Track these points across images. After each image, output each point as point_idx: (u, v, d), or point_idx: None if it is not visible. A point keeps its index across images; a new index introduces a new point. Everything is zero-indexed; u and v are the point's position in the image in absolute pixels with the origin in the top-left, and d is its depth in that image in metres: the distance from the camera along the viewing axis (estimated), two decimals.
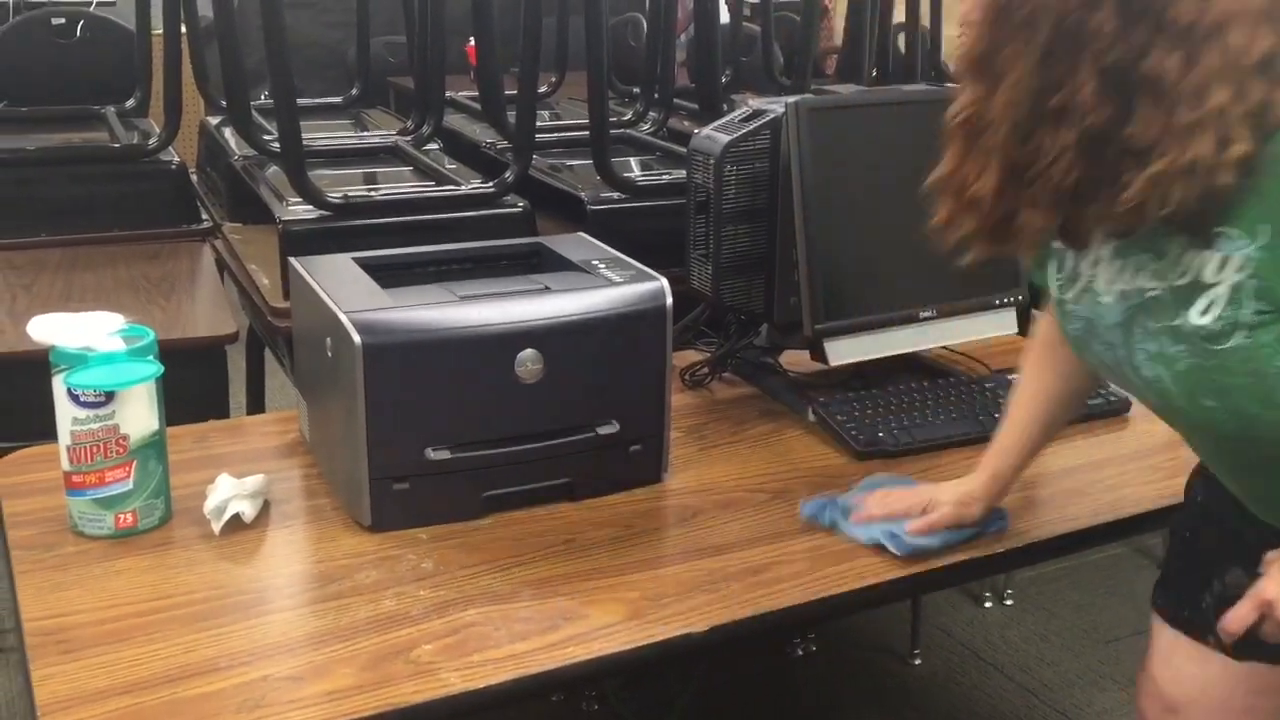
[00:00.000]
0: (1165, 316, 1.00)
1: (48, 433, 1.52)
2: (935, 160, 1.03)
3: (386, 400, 1.28)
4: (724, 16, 2.72)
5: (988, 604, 2.50)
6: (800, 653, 2.25)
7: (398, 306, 1.31)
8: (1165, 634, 1.27)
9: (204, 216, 2.33)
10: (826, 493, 1.38)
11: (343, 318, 1.27)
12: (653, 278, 1.43)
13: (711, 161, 1.61)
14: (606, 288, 1.40)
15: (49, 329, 1.27)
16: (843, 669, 2.27)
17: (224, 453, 1.50)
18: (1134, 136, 0.90)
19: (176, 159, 2.28)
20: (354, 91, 2.87)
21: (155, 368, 1.26)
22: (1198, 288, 0.96)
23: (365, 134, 2.57)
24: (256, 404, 2.16)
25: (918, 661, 2.29)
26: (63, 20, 3.62)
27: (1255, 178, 0.91)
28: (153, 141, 2.24)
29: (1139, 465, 1.51)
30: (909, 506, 1.30)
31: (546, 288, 1.40)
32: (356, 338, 1.25)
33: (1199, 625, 1.21)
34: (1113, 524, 1.40)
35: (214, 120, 2.73)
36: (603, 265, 1.47)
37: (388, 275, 1.43)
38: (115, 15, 3.81)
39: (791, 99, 1.56)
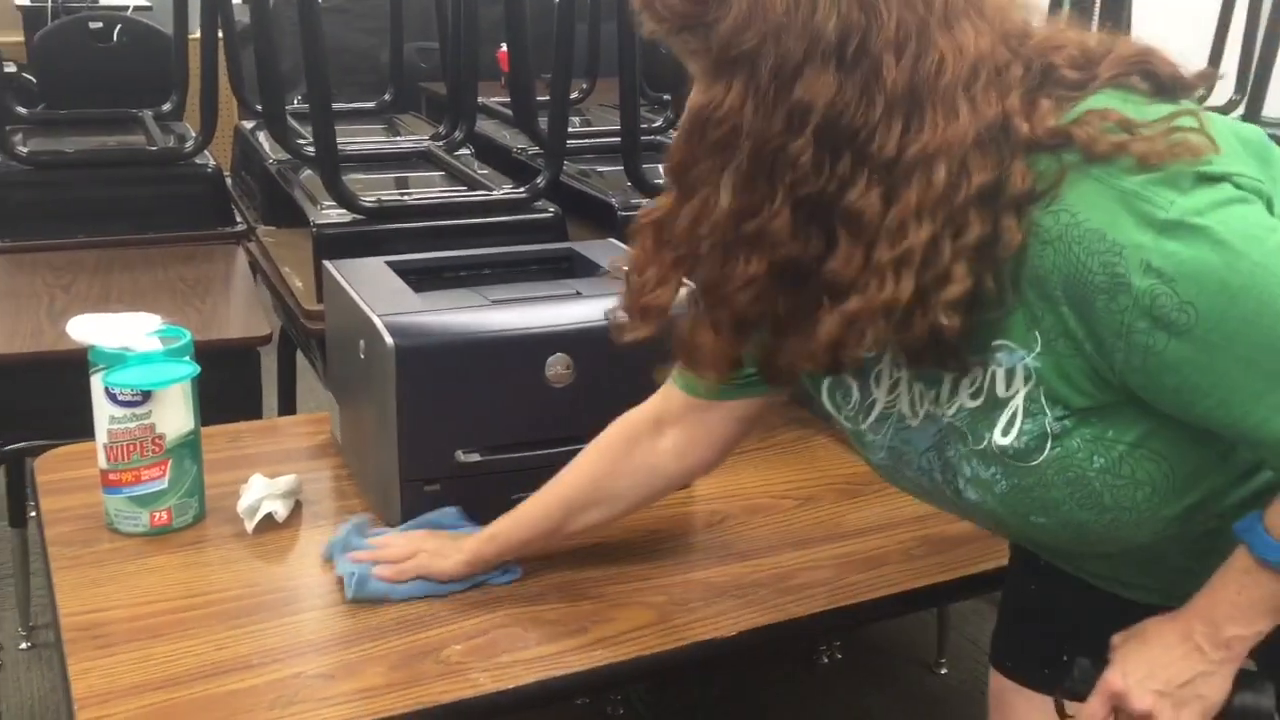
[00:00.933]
0: (972, 440, 0.93)
1: (84, 431, 1.54)
2: None
3: (419, 403, 1.29)
4: None
5: None
6: (826, 660, 2.25)
7: (430, 310, 1.33)
8: (1021, 701, 1.15)
9: (238, 219, 2.36)
10: (355, 522, 1.30)
11: (376, 321, 1.29)
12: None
13: None
14: None
15: (88, 329, 1.29)
16: (869, 677, 2.27)
17: (256, 453, 1.52)
18: (833, 273, 0.85)
19: (212, 162, 2.31)
20: (387, 97, 2.90)
21: (192, 368, 1.28)
22: (995, 404, 0.91)
23: (398, 139, 2.59)
24: (287, 405, 2.18)
25: (944, 671, 2.28)
26: (100, 24, 3.67)
27: (1018, 293, 0.86)
28: (189, 145, 2.27)
29: None
30: (397, 554, 1.22)
31: (577, 293, 1.41)
32: (390, 340, 1.27)
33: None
34: None
35: (249, 124, 2.76)
36: None
37: (420, 279, 1.44)
38: (151, 19, 3.86)
39: None
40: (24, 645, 2.23)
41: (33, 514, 2.49)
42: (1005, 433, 0.90)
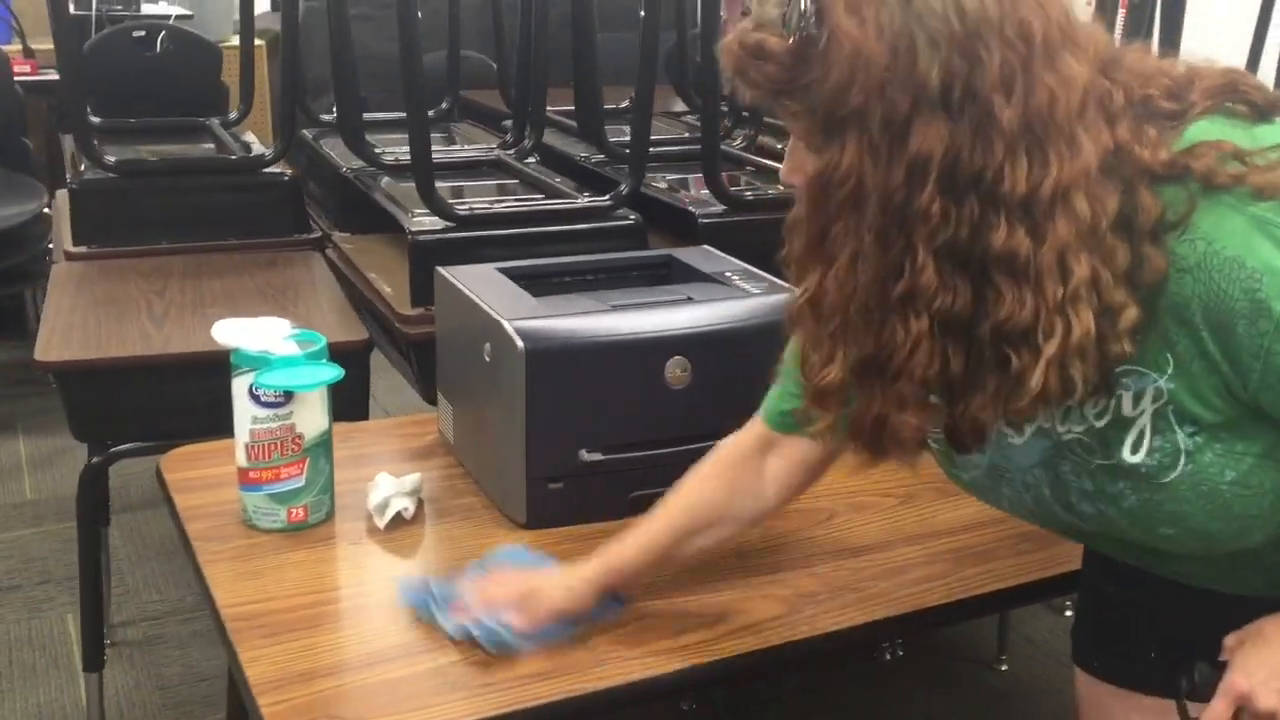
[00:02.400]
0: (1097, 455, 0.95)
1: (189, 432, 1.60)
2: None
3: (545, 403, 1.34)
4: None
5: (1068, 612, 2.54)
6: (888, 657, 2.30)
7: (556, 314, 1.38)
8: (1116, 701, 1.17)
9: (313, 226, 2.41)
10: (426, 578, 1.23)
11: (505, 324, 1.34)
12: (787, 289, 1.49)
13: None
14: (747, 298, 1.46)
15: (232, 332, 1.34)
16: (931, 674, 2.32)
17: (368, 452, 1.57)
18: (1008, 319, 0.85)
19: (289, 171, 2.37)
20: (444, 105, 2.95)
21: (336, 370, 1.33)
22: (1120, 424, 0.93)
23: (464, 148, 2.64)
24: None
25: (1004, 667, 2.33)
26: (143, 33, 3.72)
27: (1153, 319, 0.88)
28: (269, 153, 2.32)
29: None
30: (508, 598, 1.16)
31: (689, 298, 1.46)
32: (520, 343, 1.32)
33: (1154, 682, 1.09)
34: None
35: (310, 133, 2.81)
36: (736, 276, 1.54)
37: (533, 284, 1.50)
38: (194, 27, 3.91)
39: None
40: (106, 643, 2.27)
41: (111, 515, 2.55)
42: (1135, 450, 0.93)
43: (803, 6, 0.84)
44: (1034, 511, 1.05)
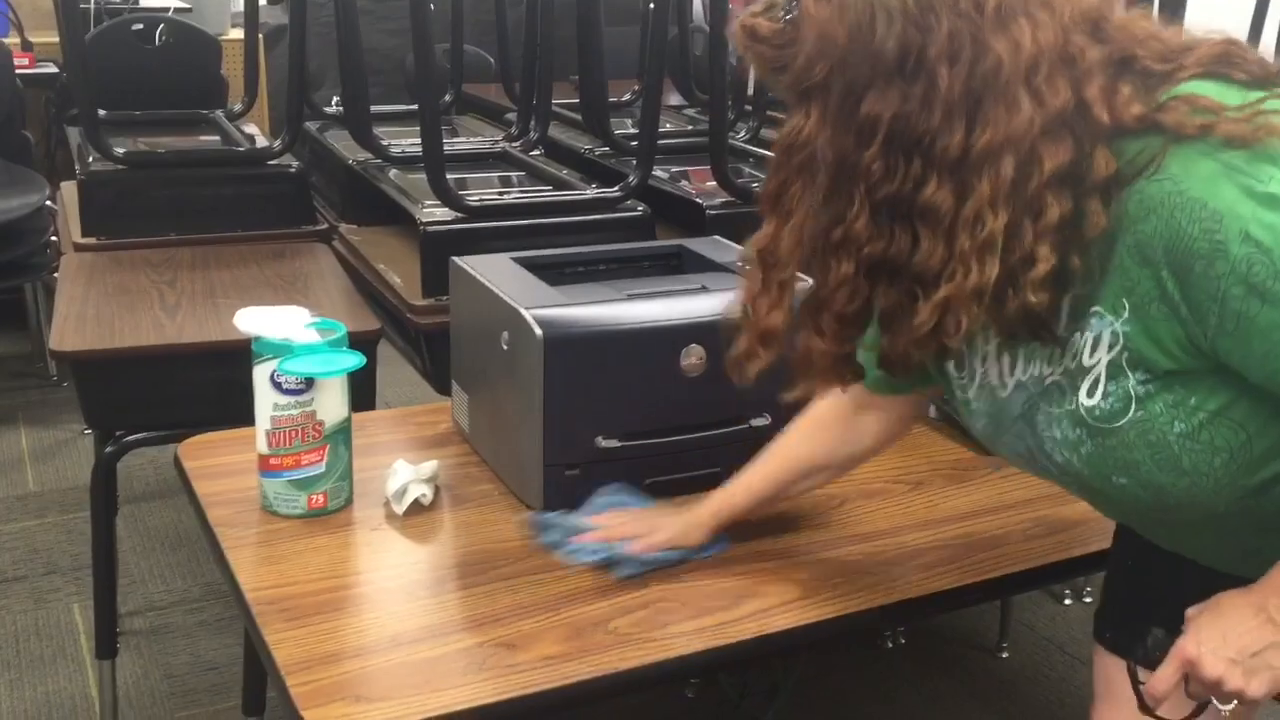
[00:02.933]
0: (1063, 401, 1.00)
1: (201, 422, 1.61)
2: None
3: (564, 390, 1.36)
4: None
5: (1067, 601, 2.57)
6: (890, 644, 2.33)
7: (573, 303, 1.40)
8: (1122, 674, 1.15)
9: (319, 218, 2.42)
10: (559, 512, 1.36)
11: (524, 313, 1.36)
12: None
13: None
14: None
15: (254, 321, 1.35)
16: (933, 660, 2.34)
17: (383, 441, 1.59)
18: (920, 265, 0.93)
19: (296, 163, 2.38)
20: (447, 98, 2.96)
21: (358, 358, 1.35)
22: (1080, 370, 0.98)
23: (469, 140, 2.66)
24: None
25: (1005, 655, 2.36)
26: (142, 26, 3.72)
27: (1111, 260, 0.93)
28: (275, 145, 2.33)
29: None
30: (628, 531, 1.30)
31: (704, 287, 1.48)
32: (538, 331, 1.34)
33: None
34: None
35: (313, 125, 2.82)
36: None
37: (548, 274, 1.51)
38: (192, 20, 3.92)
39: None
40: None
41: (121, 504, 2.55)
42: (1090, 394, 0.97)
43: None
44: (1029, 463, 1.09)
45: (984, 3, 0.90)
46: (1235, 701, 0.94)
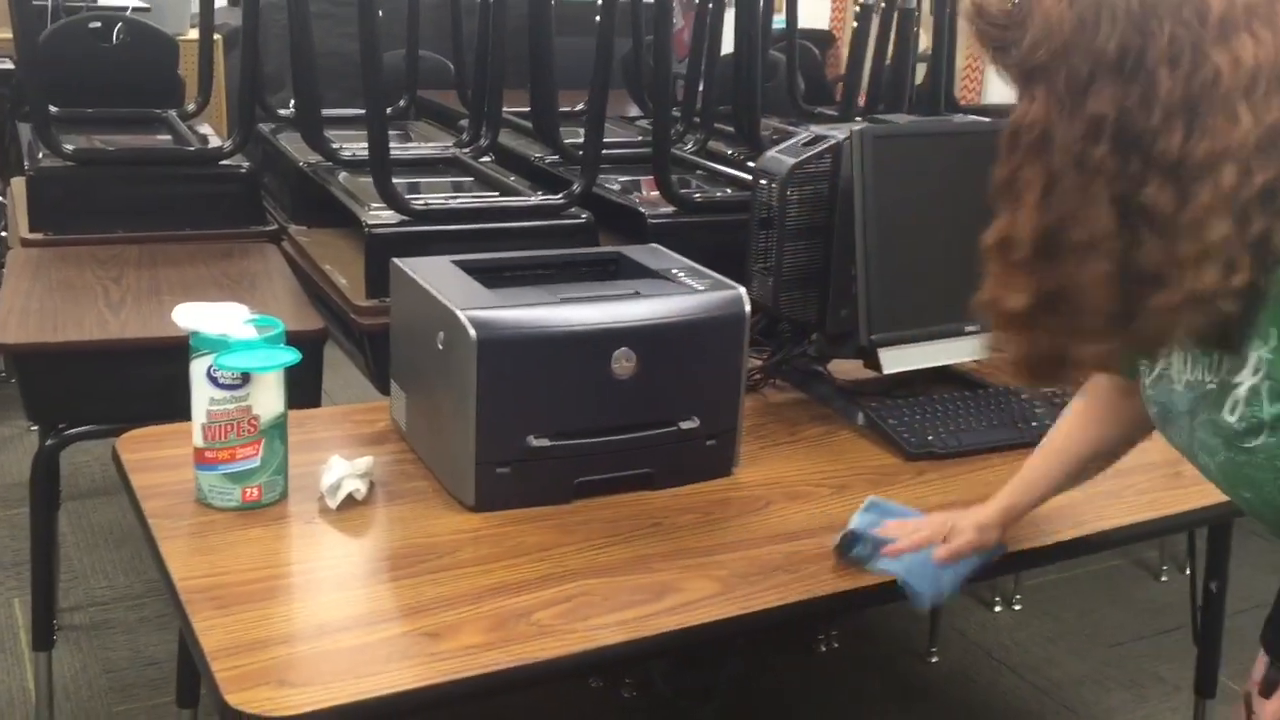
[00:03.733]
0: (1212, 410, 1.05)
1: (143, 417, 1.64)
2: (978, 187, 1.06)
3: (496, 390, 1.40)
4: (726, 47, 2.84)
5: (998, 608, 2.64)
6: (824, 648, 2.38)
7: (507, 305, 1.43)
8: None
9: (269, 218, 2.44)
10: (856, 529, 1.38)
11: (459, 314, 1.39)
12: (731, 286, 1.56)
13: (777, 182, 1.74)
14: (692, 294, 1.53)
15: (192, 316, 1.38)
16: (864, 664, 2.40)
17: (321, 438, 1.61)
18: (1144, 265, 0.95)
19: (247, 164, 2.40)
20: (402, 103, 2.99)
21: (293, 354, 1.38)
22: (1228, 387, 1.02)
23: (421, 145, 2.69)
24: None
25: (934, 660, 2.42)
26: (99, 24, 3.72)
27: (1268, 288, 0.96)
28: (227, 145, 2.36)
29: (1163, 473, 1.64)
30: (932, 535, 1.36)
31: (636, 292, 1.52)
32: (472, 332, 1.38)
33: None
34: (1145, 523, 1.53)
35: (266, 127, 2.84)
36: (682, 274, 1.60)
37: (486, 277, 1.55)
38: (150, 20, 3.92)
39: (856, 127, 1.70)
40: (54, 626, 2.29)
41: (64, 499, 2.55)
42: (1231, 412, 1.02)
43: None
44: (1184, 452, 1.13)
45: (1207, 13, 0.93)
46: None
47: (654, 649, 1.22)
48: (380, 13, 1.95)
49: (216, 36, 3.99)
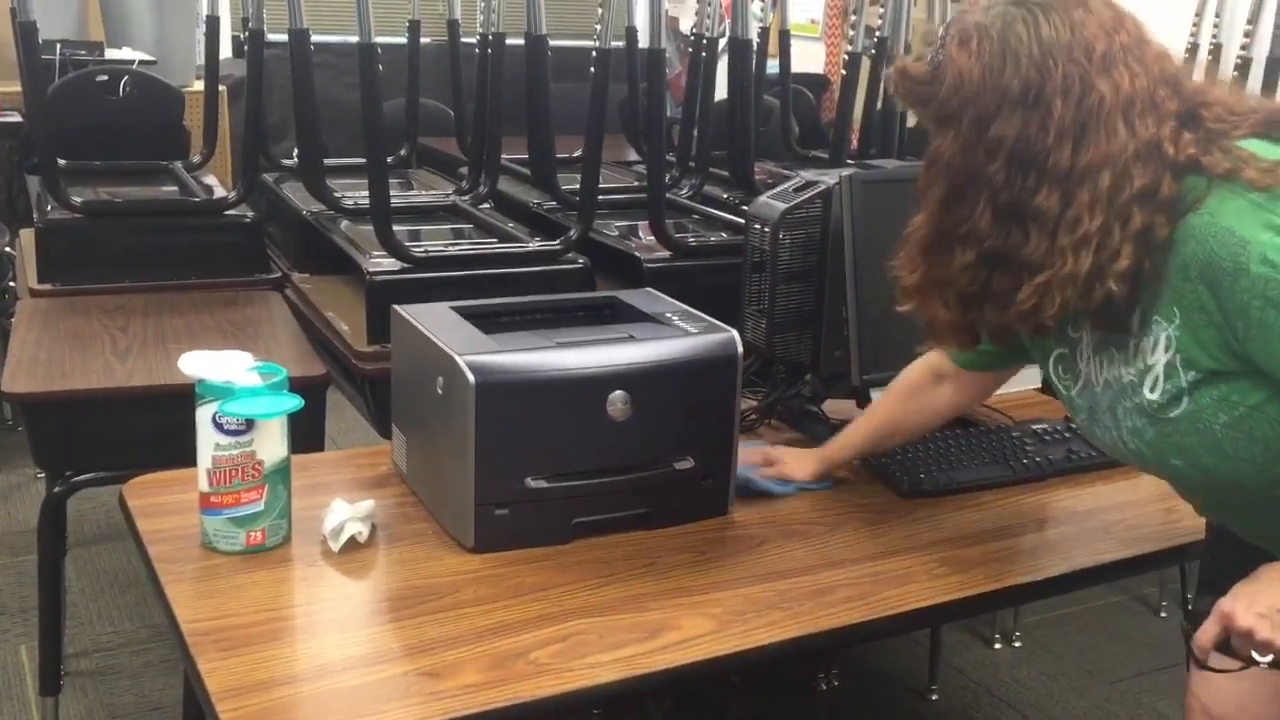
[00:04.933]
0: (1134, 395, 1.23)
1: (149, 463, 1.67)
2: None
3: (494, 433, 1.43)
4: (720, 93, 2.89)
5: (997, 645, 2.64)
6: (825, 687, 2.39)
7: (504, 350, 1.47)
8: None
9: (273, 267, 2.49)
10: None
11: (457, 359, 1.43)
12: (724, 329, 1.59)
13: (769, 227, 1.79)
14: (685, 337, 1.56)
15: (198, 364, 1.41)
16: (865, 703, 2.41)
17: (324, 482, 1.64)
18: (1028, 255, 1.17)
19: (251, 213, 2.45)
20: (403, 152, 3.05)
21: (296, 400, 1.41)
22: (1146, 369, 1.21)
23: (421, 193, 2.74)
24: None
25: (935, 697, 2.43)
26: (107, 78, 3.79)
27: (1165, 275, 1.15)
28: (231, 196, 2.41)
29: (1155, 508, 1.67)
30: (759, 461, 1.67)
31: (631, 336, 1.56)
32: (470, 377, 1.41)
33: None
34: (1136, 558, 1.55)
35: (271, 177, 2.89)
36: (676, 317, 1.64)
37: (484, 322, 1.58)
38: (157, 73, 3.99)
39: (845, 172, 1.74)
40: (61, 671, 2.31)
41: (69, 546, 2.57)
42: (1151, 390, 1.21)
43: (937, 44, 1.22)
44: (1115, 450, 1.31)
45: (1092, 52, 1.15)
46: (1271, 655, 1.12)
47: (648, 687, 1.24)
48: (380, 67, 1.99)
49: (221, 88, 4.08)
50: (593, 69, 2.10)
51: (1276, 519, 1.25)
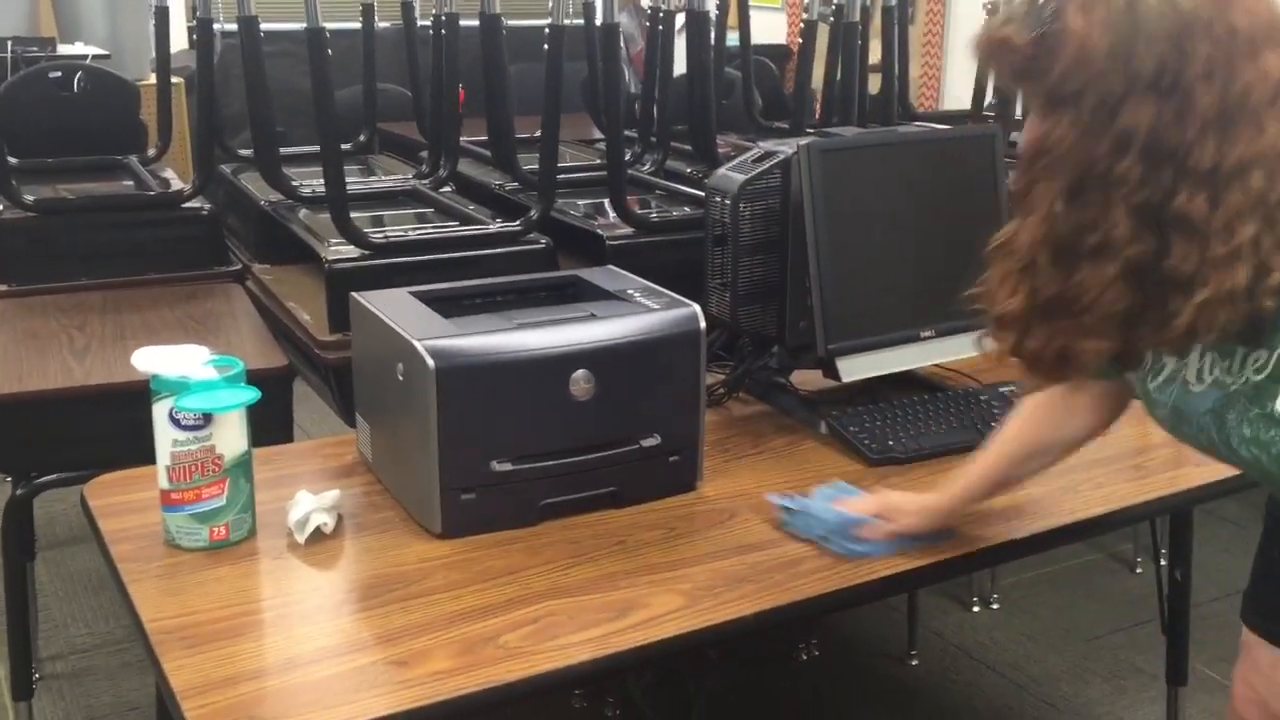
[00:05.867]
0: (1256, 405, 1.08)
1: (113, 462, 1.64)
2: (928, 195, 1.15)
3: (456, 418, 1.41)
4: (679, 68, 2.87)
5: (975, 608, 2.66)
6: (804, 657, 2.40)
7: (463, 333, 1.45)
8: (1264, 652, 1.28)
9: (233, 259, 2.46)
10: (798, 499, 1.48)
11: (416, 344, 1.41)
12: (686, 304, 1.58)
13: (728, 199, 1.77)
14: (647, 313, 1.55)
15: (151, 360, 1.39)
16: (845, 671, 2.42)
17: (291, 473, 1.63)
18: (1175, 268, 1.01)
19: (208, 206, 2.41)
20: (362, 138, 3.01)
21: (253, 392, 1.39)
22: (1276, 379, 1.06)
23: (381, 178, 2.71)
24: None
25: (915, 662, 2.44)
26: (60, 74, 3.73)
27: None
28: (186, 189, 2.37)
29: (1121, 465, 1.67)
30: (867, 509, 1.43)
31: (592, 315, 1.55)
32: (430, 362, 1.39)
33: None
34: (1108, 515, 1.56)
35: (229, 168, 2.85)
36: (637, 294, 1.62)
37: (444, 306, 1.57)
38: (111, 67, 3.93)
39: (803, 141, 1.73)
40: (34, 677, 2.29)
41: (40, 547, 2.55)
42: None
43: (1043, 8, 1.03)
44: (1207, 450, 1.18)
45: (1236, 32, 0.99)
46: None
47: (620, 666, 1.23)
48: (330, 51, 1.96)
49: (178, 80, 4.02)
50: (546, 46, 2.07)
51: None
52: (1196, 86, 0.98)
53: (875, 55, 3.17)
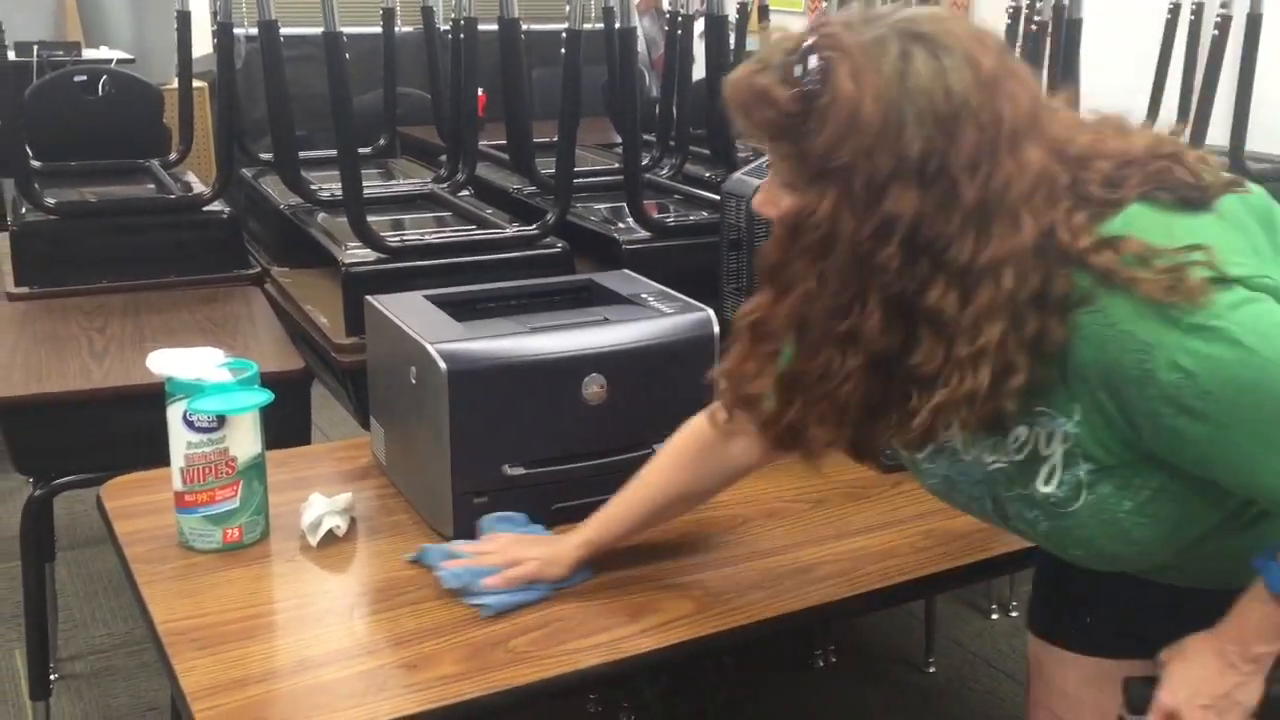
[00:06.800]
0: (1016, 486, 1.06)
1: (130, 463, 1.66)
2: None
3: (469, 422, 1.42)
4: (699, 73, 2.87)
5: (994, 615, 2.64)
6: (822, 663, 2.39)
7: (476, 337, 1.46)
8: (1054, 661, 1.29)
9: (253, 262, 2.47)
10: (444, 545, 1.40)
11: (429, 348, 1.42)
12: (699, 308, 1.58)
13: (744, 204, 1.77)
14: (660, 318, 1.55)
15: (166, 362, 1.40)
16: (862, 678, 2.40)
17: (305, 476, 1.63)
18: (919, 365, 0.96)
19: (228, 209, 2.43)
20: (382, 142, 3.03)
21: (266, 395, 1.40)
22: (1037, 459, 1.03)
23: (400, 182, 2.72)
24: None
25: (932, 670, 2.42)
26: (84, 78, 3.76)
27: (1062, 373, 0.98)
28: (206, 192, 2.39)
29: None
30: (494, 560, 1.33)
31: (605, 319, 1.54)
32: (442, 366, 1.40)
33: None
34: None
35: (249, 172, 2.87)
36: (651, 298, 1.62)
37: (458, 310, 1.57)
38: (136, 71, 3.96)
39: None
40: (53, 677, 2.30)
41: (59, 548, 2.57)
42: (1046, 483, 1.04)
43: (810, 63, 0.93)
44: (984, 518, 1.16)
45: (1001, 121, 0.93)
46: None
47: (629, 671, 1.23)
48: (347, 55, 1.97)
49: (202, 84, 4.05)
50: (563, 50, 2.07)
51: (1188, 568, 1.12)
52: (960, 177, 0.92)
53: None
